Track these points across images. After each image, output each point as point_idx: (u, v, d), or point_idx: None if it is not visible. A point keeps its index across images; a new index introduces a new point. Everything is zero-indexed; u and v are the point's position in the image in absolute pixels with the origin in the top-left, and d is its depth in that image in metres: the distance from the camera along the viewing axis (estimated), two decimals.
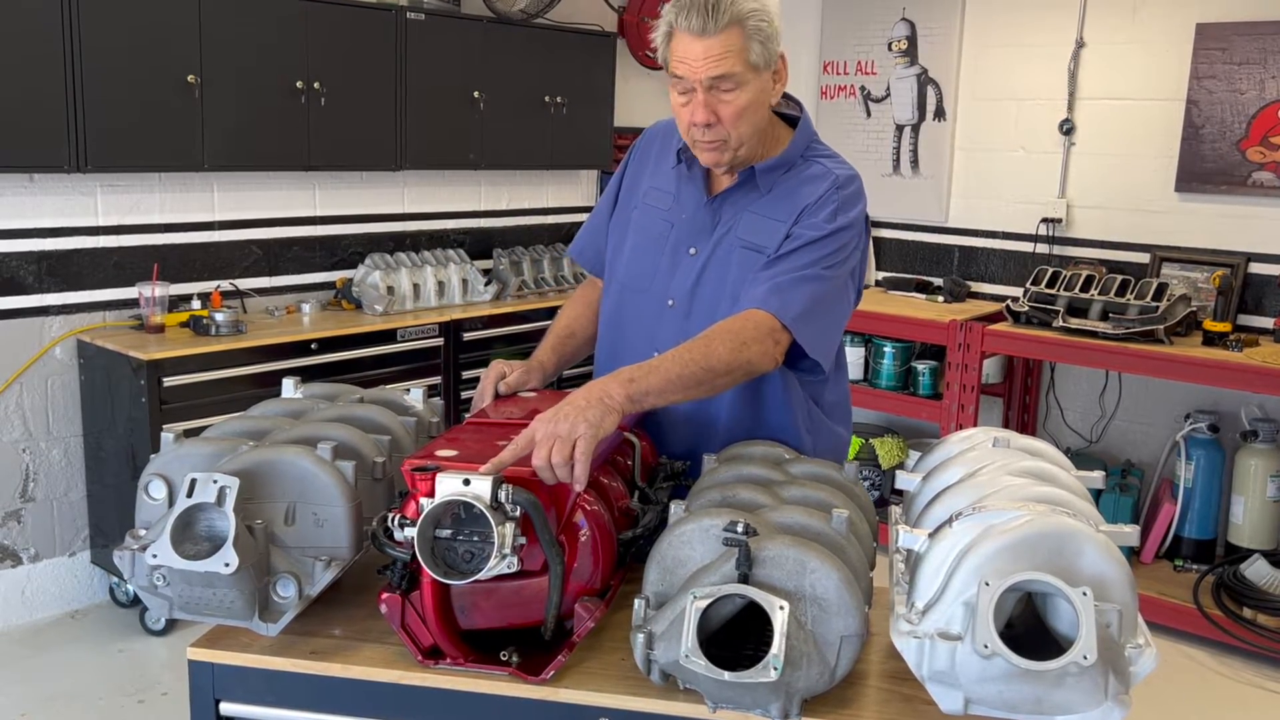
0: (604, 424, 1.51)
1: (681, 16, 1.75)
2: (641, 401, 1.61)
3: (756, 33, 1.75)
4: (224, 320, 3.71)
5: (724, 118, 1.79)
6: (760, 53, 1.77)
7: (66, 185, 3.64)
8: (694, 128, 1.81)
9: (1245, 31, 3.87)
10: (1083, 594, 1.21)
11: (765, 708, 1.31)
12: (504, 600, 1.45)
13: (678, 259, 1.95)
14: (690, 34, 1.75)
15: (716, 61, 1.74)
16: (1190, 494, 3.97)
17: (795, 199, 1.86)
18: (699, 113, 1.79)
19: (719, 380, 1.71)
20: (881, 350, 4.47)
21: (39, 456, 3.71)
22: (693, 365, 1.67)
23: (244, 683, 1.50)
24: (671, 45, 1.79)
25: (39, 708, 3.19)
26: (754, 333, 1.74)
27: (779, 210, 1.87)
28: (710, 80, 1.76)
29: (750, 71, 1.77)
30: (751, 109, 1.80)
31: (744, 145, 1.84)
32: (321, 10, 3.92)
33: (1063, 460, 1.60)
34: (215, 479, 1.41)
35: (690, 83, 1.77)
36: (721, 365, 1.69)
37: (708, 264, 1.91)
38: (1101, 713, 1.23)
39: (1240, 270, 3.95)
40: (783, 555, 1.32)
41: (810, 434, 1.96)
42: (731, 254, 1.89)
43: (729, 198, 1.92)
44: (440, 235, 4.74)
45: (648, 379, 1.62)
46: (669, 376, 1.64)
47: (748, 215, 1.89)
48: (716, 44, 1.74)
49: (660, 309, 1.95)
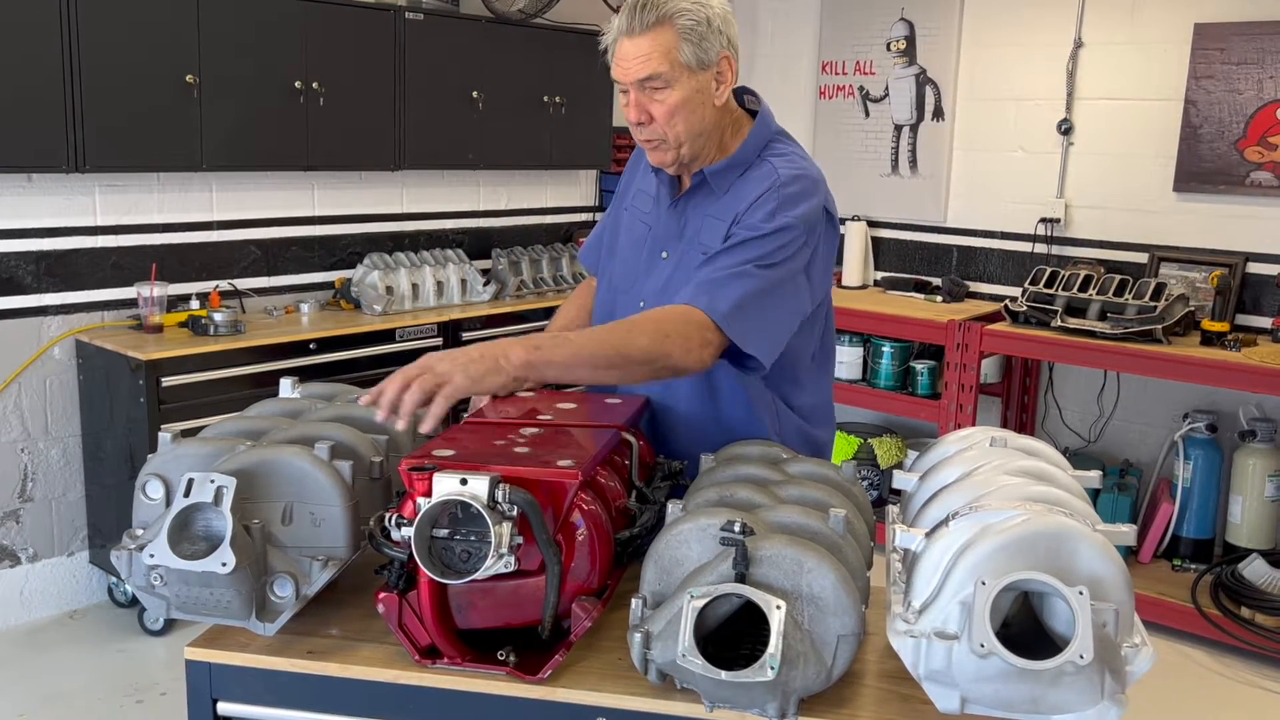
0: (483, 382, 1.51)
1: (620, 19, 1.80)
2: (543, 371, 1.59)
3: (688, 32, 1.76)
4: (222, 320, 3.71)
5: (656, 116, 1.80)
6: (693, 52, 1.77)
7: (65, 185, 3.64)
8: (632, 126, 1.84)
9: (1243, 32, 3.87)
10: (1079, 593, 1.21)
11: (762, 707, 1.31)
12: (501, 600, 1.45)
13: (653, 261, 1.97)
14: (623, 35, 1.78)
15: (644, 61, 1.76)
16: (1188, 494, 3.97)
17: (741, 199, 1.85)
18: (631, 111, 1.82)
19: (634, 368, 1.68)
20: (880, 350, 4.47)
21: (37, 456, 3.71)
22: (607, 347, 1.66)
23: (241, 682, 1.50)
24: (614, 50, 1.82)
25: (37, 708, 3.19)
26: (679, 326, 1.70)
27: (727, 212, 1.86)
28: (639, 80, 1.78)
29: (681, 70, 1.77)
30: (685, 108, 1.80)
31: (684, 145, 1.84)
32: (320, 10, 3.92)
33: (1060, 460, 1.60)
34: (212, 479, 1.41)
35: (625, 83, 1.81)
36: (638, 353, 1.66)
37: (676, 267, 1.91)
38: (1098, 712, 1.23)
39: (1238, 270, 3.95)
40: (780, 555, 1.32)
41: (778, 436, 1.93)
42: (689, 256, 1.89)
43: (690, 201, 1.93)
44: (439, 235, 4.74)
45: (555, 351, 1.60)
46: (579, 353, 1.63)
47: (708, 220, 1.89)
48: (645, 43, 1.76)
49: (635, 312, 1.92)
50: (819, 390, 2.05)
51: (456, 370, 1.50)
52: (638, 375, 1.70)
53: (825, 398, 2.08)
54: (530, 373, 1.57)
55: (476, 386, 1.51)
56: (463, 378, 1.50)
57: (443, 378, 1.50)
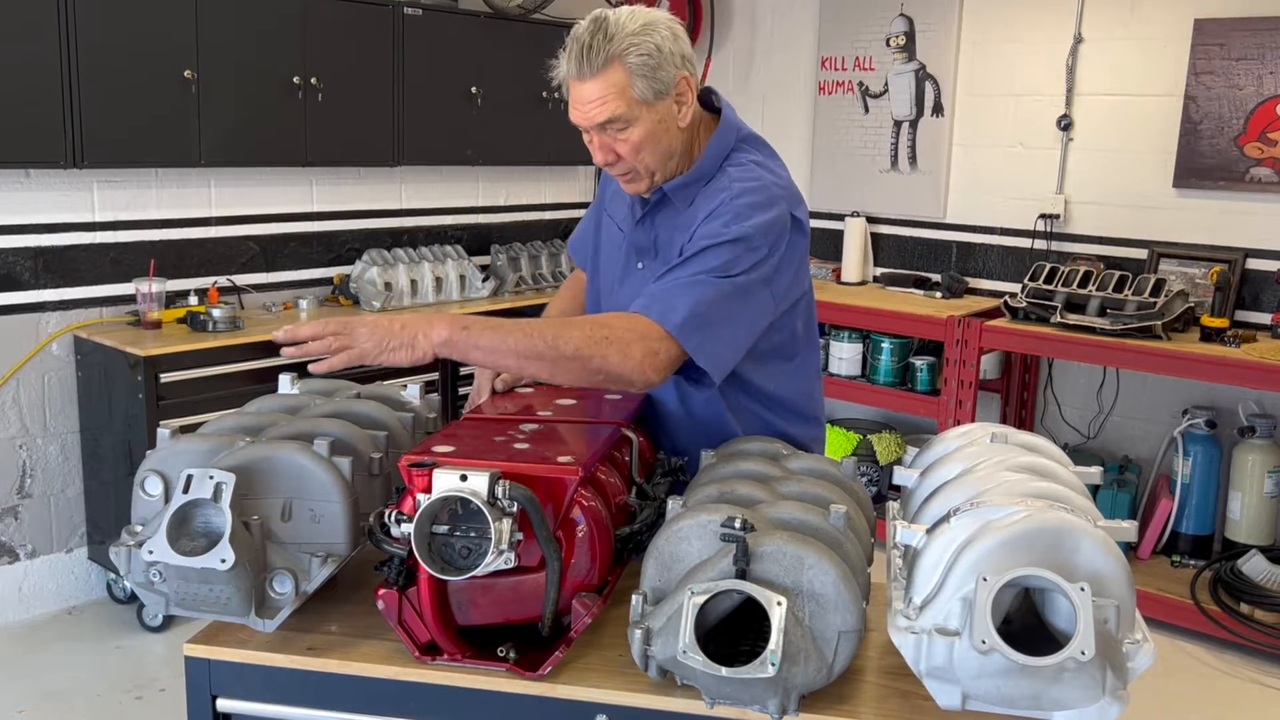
0: (392, 356, 1.54)
1: (566, 59, 1.74)
2: (466, 353, 1.59)
3: (639, 68, 1.71)
4: (221, 316, 3.71)
5: (623, 154, 1.78)
6: (647, 86, 1.72)
7: (63, 181, 3.63)
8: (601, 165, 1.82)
9: (1243, 27, 3.87)
10: (1080, 589, 1.20)
11: (763, 704, 1.31)
12: (501, 596, 1.44)
13: (629, 271, 1.96)
14: (575, 79, 1.73)
15: (600, 105, 1.72)
16: (1188, 490, 3.97)
17: (697, 214, 1.80)
18: (597, 153, 1.79)
19: (563, 364, 1.62)
20: (879, 346, 4.47)
21: (36, 453, 3.70)
22: (537, 339, 1.61)
23: (241, 679, 1.50)
24: (567, 91, 1.78)
25: (37, 704, 3.18)
26: (622, 333, 1.65)
27: (689, 226, 1.81)
28: (598, 125, 1.75)
29: (639, 106, 1.73)
30: (650, 140, 1.77)
31: (657, 171, 1.82)
32: (318, 5, 3.91)
33: (1061, 456, 1.60)
34: (211, 475, 1.40)
35: (585, 127, 1.77)
36: (569, 349, 1.61)
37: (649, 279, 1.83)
38: (1099, 708, 1.23)
39: (1238, 266, 3.95)
40: (780, 551, 1.32)
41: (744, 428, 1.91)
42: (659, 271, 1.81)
43: (656, 214, 1.90)
44: (438, 231, 4.73)
45: (482, 334, 1.59)
46: (505, 340, 1.60)
47: (676, 234, 1.84)
48: (597, 87, 1.71)
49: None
50: (799, 390, 2.00)
51: (370, 340, 1.54)
52: (567, 373, 1.65)
53: (807, 398, 2.03)
54: (451, 352, 1.58)
55: (381, 358, 1.54)
56: (371, 346, 1.54)
57: (352, 342, 1.54)
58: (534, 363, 1.62)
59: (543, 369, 1.64)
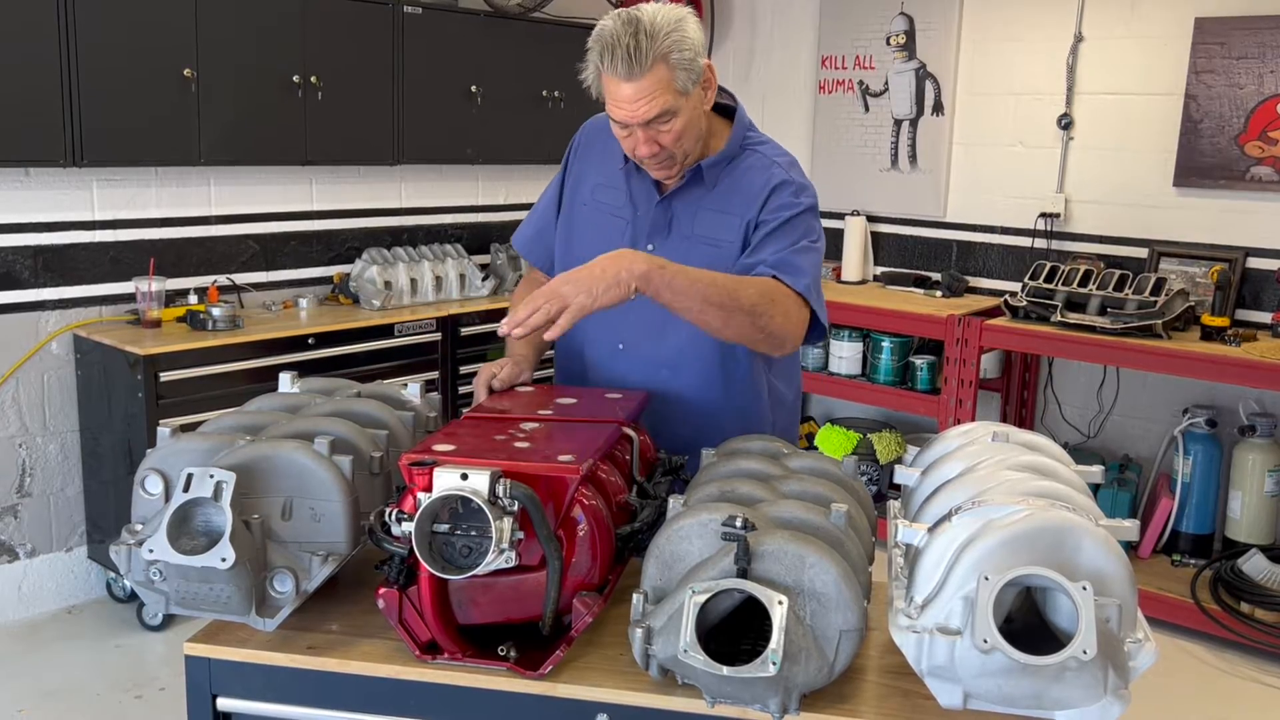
0: (604, 297, 1.65)
1: (606, 60, 1.81)
2: (659, 291, 1.70)
3: (680, 63, 1.80)
4: (221, 315, 3.71)
5: (666, 144, 1.87)
6: (686, 79, 1.82)
7: (62, 179, 3.63)
8: (640, 159, 1.91)
9: (1244, 26, 3.86)
10: (1082, 588, 1.20)
11: (764, 703, 1.31)
12: (502, 595, 1.44)
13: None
14: (618, 78, 1.80)
15: (649, 102, 1.81)
16: (1188, 489, 3.97)
17: (744, 191, 1.95)
18: (642, 147, 1.87)
19: (739, 316, 1.77)
20: (879, 345, 4.47)
21: (35, 451, 3.70)
22: (720, 288, 1.75)
23: (241, 678, 1.50)
24: (603, 84, 1.85)
25: (36, 704, 3.18)
26: (781, 296, 1.83)
27: (728, 204, 1.96)
28: (648, 121, 1.83)
29: (681, 99, 1.83)
30: (689, 128, 1.88)
31: (689, 156, 1.93)
32: (318, 4, 3.91)
33: (1062, 455, 1.60)
34: (212, 474, 1.40)
35: (629, 124, 1.84)
36: (747, 302, 1.77)
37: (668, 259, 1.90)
38: (1101, 707, 1.23)
39: (1238, 265, 3.95)
40: (781, 550, 1.31)
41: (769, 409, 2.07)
42: (693, 250, 1.93)
43: (679, 195, 1.99)
44: (438, 230, 4.73)
45: (676, 276, 1.71)
46: (696, 283, 1.73)
47: (703, 213, 1.97)
48: (646, 85, 1.79)
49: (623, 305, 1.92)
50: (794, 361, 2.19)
51: (580, 291, 1.64)
52: (739, 327, 1.79)
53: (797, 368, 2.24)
54: (648, 287, 1.69)
55: (596, 304, 1.65)
56: (585, 297, 1.64)
57: (565, 299, 1.64)
58: (715, 311, 1.75)
59: (718, 318, 1.76)
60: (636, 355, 2.02)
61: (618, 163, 2.05)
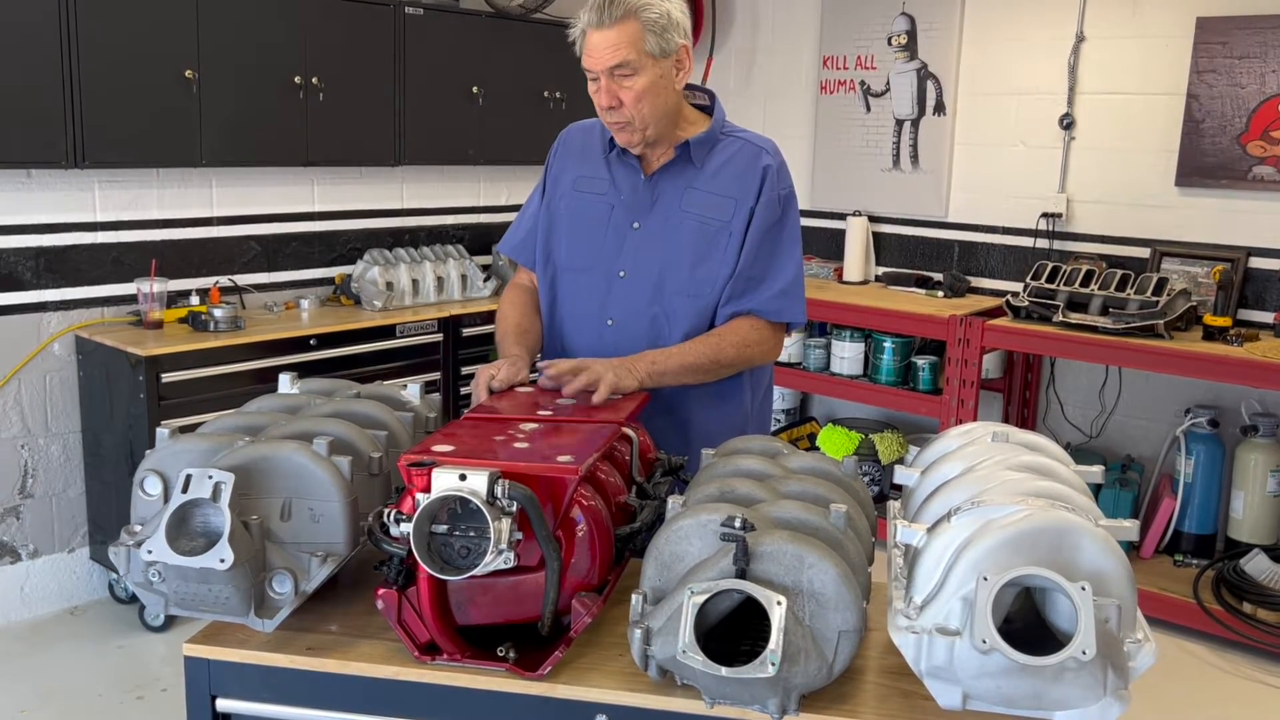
0: (623, 384, 1.90)
1: (588, 14, 2.00)
2: (659, 380, 1.99)
3: (651, 25, 1.98)
4: (222, 316, 3.71)
5: (625, 101, 2.01)
6: (656, 43, 1.99)
7: (64, 181, 3.63)
8: (602, 111, 2.05)
9: (1245, 25, 3.86)
10: (1081, 589, 1.20)
11: (763, 703, 1.31)
12: (501, 596, 1.44)
13: (622, 235, 2.14)
14: (593, 28, 1.98)
15: (614, 51, 1.97)
16: (1190, 489, 3.96)
17: (735, 174, 2.11)
18: (602, 96, 2.02)
19: (723, 370, 2.10)
20: (881, 345, 4.46)
21: (37, 452, 3.70)
22: (704, 357, 2.05)
23: (240, 679, 1.50)
24: (583, 42, 2.02)
25: (38, 704, 3.19)
26: (757, 337, 2.12)
27: (722, 186, 2.11)
28: (610, 68, 1.98)
29: (647, 59, 1.99)
30: (651, 93, 2.01)
31: (650, 126, 2.05)
32: (320, 5, 3.92)
33: (1062, 455, 1.60)
34: (210, 474, 1.40)
35: (595, 72, 2.00)
36: (727, 359, 2.08)
37: (654, 235, 2.12)
38: (1100, 708, 1.23)
39: (1241, 265, 3.94)
40: (780, 550, 1.31)
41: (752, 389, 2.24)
42: (682, 225, 2.11)
43: (665, 174, 2.14)
44: (439, 231, 4.73)
45: (666, 362, 2.01)
46: (684, 363, 2.03)
47: (691, 191, 2.12)
48: (613, 35, 1.97)
49: (609, 282, 2.14)
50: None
51: (609, 374, 1.88)
52: (724, 374, 2.11)
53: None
54: (651, 381, 1.98)
55: (620, 388, 1.89)
56: (613, 378, 1.88)
57: (598, 375, 1.87)
58: (704, 375, 2.07)
59: (710, 377, 2.08)
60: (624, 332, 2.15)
61: (599, 156, 2.19)
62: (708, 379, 2.08)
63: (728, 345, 2.07)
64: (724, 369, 2.09)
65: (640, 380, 1.94)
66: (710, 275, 2.10)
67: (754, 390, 2.25)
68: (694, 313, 2.11)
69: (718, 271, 2.10)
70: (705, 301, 2.11)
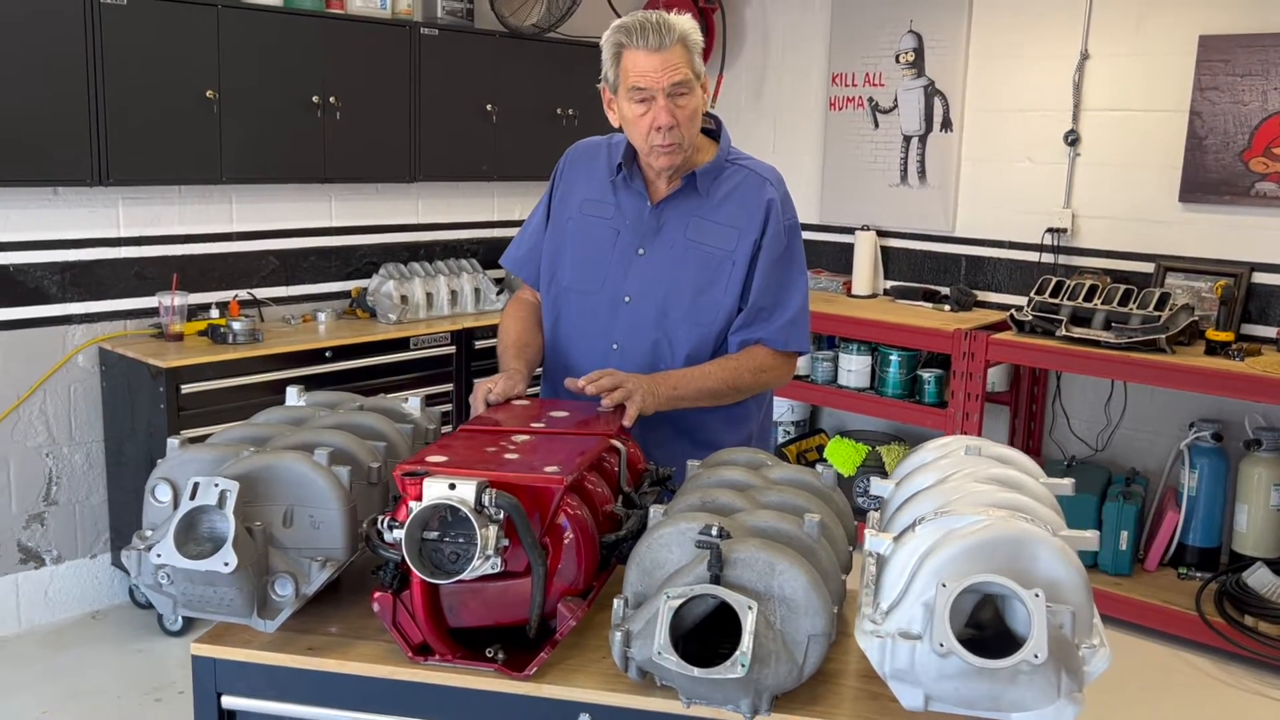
0: (646, 409, 1.97)
1: (636, 37, 2.04)
2: (676, 404, 2.06)
3: (695, 47, 2.07)
4: (241, 329, 3.80)
5: (681, 120, 2.06)
6: (698, 65, 2.09)
7: (89, 198, 3.74)
8: (655, 132, 2.07)
9: (1248, 44, 3.90)
10: (1034, 595, 1.26)
11: (735, 703, 1.37)
12: (490, 600, 1.51)
13: (627, 260, 2.18)
14: (646, 50, 2.03)
15: (674, 70, 2.03)
16: (1194, 502, 3.99)
17: (743, 206, 2.17)
18: (662, 116, 2.04)
19: (739, 394, 2.17)
20: (888, 359, 4.51)
21: (61, 461, 3.81)
22: (721, 383, 2.13)
23: (245, 677, 1.57)
24: (623, 64, 2.07)
25: (60, 705, 3.28)
26: (772, 363, 2.20)
27: (728, 216, 2.17)
28: (671, 87, 2.03)
29: (695, 81, 2.08)
30: (698, 113, 2.11)
31: (691, 147, 2.13)
32: (337, 27, 4.01)
33: (1033, 468, 1.65)
34: (217, 483, 1.48)
35: (652, 91, 2.04)
36: (744, 385, 2.16)
37: (659, 262, 2.17)
38: (1055, 709, 1.28)
39: (1243, 280, 3.97)
40: (753, 557, 1.37)
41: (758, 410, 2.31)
42: (687, 254, 2.16)
43: (671, 203, 2.19)
44: (454, 245, 4.82)
45: (686, 387, 2.08)
46: (702, 388, 2.10)
47: (695, 220, 2.17)
48: (671, 56, 2.03)
49: (615, 307, 2.19)
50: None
51: (638, 393, 1.96)
52: (739, 398, 2.19)
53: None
54: (669, 405, 2.04)
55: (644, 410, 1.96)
56: (640, 398, 1.96)
57: (631, 394, 1.95)
58: (720, 399, 2.14)
59: (725, 401, 2.16)
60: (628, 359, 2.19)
61: (605, 178, 2.22)
62: (721, 403, 2.15)
63: (745, 371, 2.15)
64: (740, 394, 2.16)
65: (660, 406, 2.01)
66: (713, 303, 2.16)
67: (759, 411, 2.33)
68: (696, 339, 2.17)
69: (720, 299, 2.16)
70: (707, 329, 2.17)
